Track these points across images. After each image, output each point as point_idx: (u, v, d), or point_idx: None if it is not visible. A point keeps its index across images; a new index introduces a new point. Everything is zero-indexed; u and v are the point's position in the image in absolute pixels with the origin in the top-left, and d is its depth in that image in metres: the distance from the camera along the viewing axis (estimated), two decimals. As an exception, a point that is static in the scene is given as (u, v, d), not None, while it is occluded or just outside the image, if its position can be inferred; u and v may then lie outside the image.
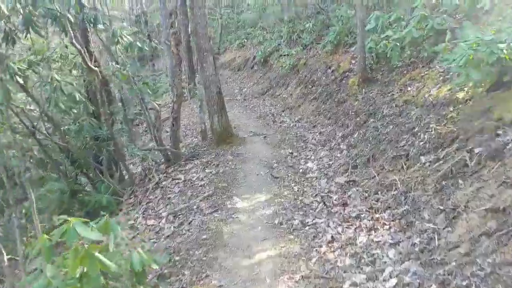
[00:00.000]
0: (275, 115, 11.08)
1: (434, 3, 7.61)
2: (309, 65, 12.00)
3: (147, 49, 7.87)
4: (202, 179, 6.95)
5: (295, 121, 9.68)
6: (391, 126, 6.00)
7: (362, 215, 4.75)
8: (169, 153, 8.44)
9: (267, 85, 14.13)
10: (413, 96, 6.28)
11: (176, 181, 7.19)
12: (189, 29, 9.00)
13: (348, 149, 6.62)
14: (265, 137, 8.81)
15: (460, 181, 4.00)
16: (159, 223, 5.81)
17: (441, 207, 3.94)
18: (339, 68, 9.85)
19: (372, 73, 8.28)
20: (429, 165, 4.60)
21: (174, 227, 5.54)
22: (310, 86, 10.75)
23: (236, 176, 6.82)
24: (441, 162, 4.46)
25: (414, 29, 7.04)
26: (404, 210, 4.38)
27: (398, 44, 7.34)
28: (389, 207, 4.65)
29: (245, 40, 20.43)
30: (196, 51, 8.28)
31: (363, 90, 7.95)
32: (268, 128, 9.77)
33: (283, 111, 11.19)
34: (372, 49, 8.30)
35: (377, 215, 4.62)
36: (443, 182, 4.19)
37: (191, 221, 5.53)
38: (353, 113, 7.54)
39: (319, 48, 12.28)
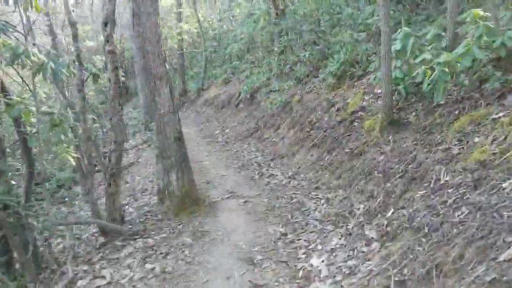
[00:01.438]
0: (262, 165, 8.32)
1: (493, 14, 5.04)
2: (305, 102, 9.38)
3: (67, 74, 5.12)
4: (135, 284, 4.07)
5: (289, 177, 6.90)
6: (465, 208, 3.24)
7: None
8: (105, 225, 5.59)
9: (253, 125, 11.45)
10: (493, 154, 3.58)
11: (97, 284, 4.29)
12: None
13: (382, 240, 3.81)
14: (246, 201, 5.99)
15: None
16: None
17: None
18: (346, 107, 7.21)
19: (400, 113, 5.62)
20: None
21: None
22: (307, 129, 8.06)
23: (190, 282, 3.96)
24: None
25: (475, 47, 4.44)
26: None
27: (446, 70, 4.71)
28: None
29: (231, 75, 17.98)
30: (145, 76, 5.56)
31: (390, 137, 5.25)
32: (252, 185, 6.98)
33: (272, 160, 8.44)
34: (400, 79, 5.69)
35: None
36: None
37: None
38: (379, 174, 4.78)
39: (317, 82, 9.72)
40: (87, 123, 6.08)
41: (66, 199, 9.89)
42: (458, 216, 3.23)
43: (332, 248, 4.16)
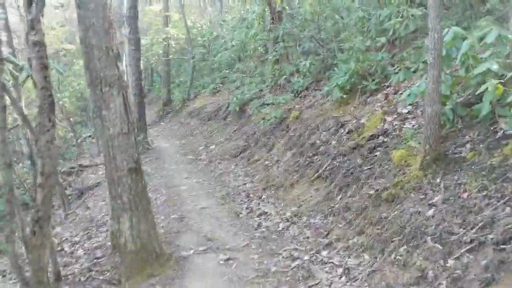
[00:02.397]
0: (251, 196, 6.58)
1: None
2: (304, 119, 7.70)
3: None
4: None
5: (287, 219, 5.15)
6: None
7: None
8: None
9: (242, 143, 9.72)
10: None
11: None
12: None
13: None
14: (228, 259, 4.24)
15: None
16: None
17: None
18: (362, 129, 5.53)
19: (446, 143, 3.96)
20: None
21: None
22: (310, 153, 6.35)
23: None
24: None
25: None
26: None
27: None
28: None
29: (220, 85, 16.29)
30: (88, 84, 3.79)
31: (439, 180, 3.57)
32: (238, 228, 5.23)
33: (264, 189, 6.70)
34: (444, 97, 4.04)
35: None
36: None
37: None
38: (433, 240, 3.07)
39: (320, 96, 8.08)
40: (5, 143, 4.31)
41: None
42: None
43: None
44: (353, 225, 4.09)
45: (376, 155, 4.76)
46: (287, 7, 10.92)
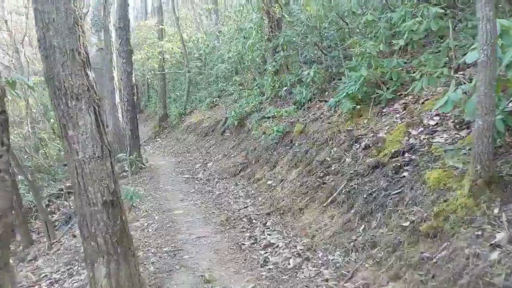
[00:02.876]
0: (255, 221, 5.75)
1: None
2: (311, 133, 6.92)
3: None
4: None
5: (298, 254, 4.30)
6: None
7: None
8: None
9: (242, 160, 8.91)
10: None
11: None
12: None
13: None
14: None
15: None
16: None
17: None
18: (382, 144, 4.74)
19: (498, 163, 3.18)
20: None
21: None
22: (319, 172, 5.55)
23: None
24: None
25: None
26: None
27: None
28: None
29: (217, 99, 15.56)
30: (51, 93, 3.00)
31: (498, 211, 2.77)
32: (241, 264, 4.39)
33: (269, 214, 5.87)
34: (496, 105, 3.26)
35: None
36: None
37: None
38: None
39: (326, 108, 7.31)
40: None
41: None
42: None
43: None
44: (384, 266, 3.26)
45: (404, 176, 3.95)
46: (286, 15, 10.23)
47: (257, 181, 7.46)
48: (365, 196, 4.22)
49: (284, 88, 9.71)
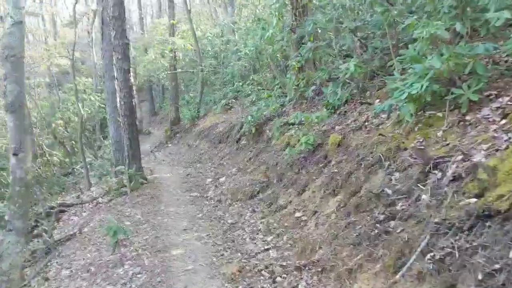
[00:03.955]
0: (280, 281, 3.96)
1: None
2: (353, 147, 5.07)
3: None
4: None
5: None
6: None
7: None
8: None
9: (260, 177, 7.11)
10: None
11: None
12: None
13: None
14: None
15: None
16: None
17: None
18: (487, 178, 2.86)
19: None
20: None
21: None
22: (377, 212, 3.70)
23: None
24: None
25: None
26: None
27: None
28: None
29: (233, 100, 13.81)
30: None
31: None
32: None
33: (299, 269, 4.03)
34: None
35: None
36: None
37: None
38: None
39: (372, 113, 5.45)
40: None
41: None
42: None
43: None
44: None
45: None
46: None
47: (280, 209, 5.64)
48: (478, 274, 2.36)
49: (312, 88, 7.87)
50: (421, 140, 3.99)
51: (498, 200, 2.66)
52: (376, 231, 3.45)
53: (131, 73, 8.70)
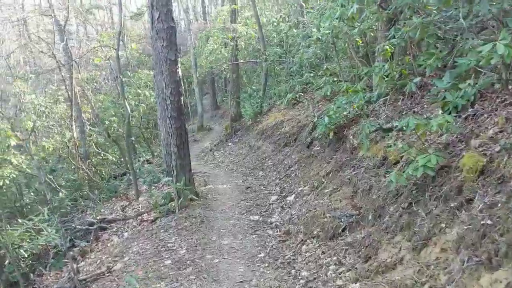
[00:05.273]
0: None
1: None
2: (508, 177, 2.96)
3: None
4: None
5: None
6: None
7: None
8: None
9: (345, 203, 5.13)
10: None
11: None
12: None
13: None
14: None
15: None
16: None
17: None
18: None
19: None
20: None
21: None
22: None
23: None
24: None
25: None
26: None
27: None
28: None
29: (301, 94, 11.83)
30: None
31: None
32: None
33: None
34: None
35: None
36: None
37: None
38: None
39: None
40: None
41: None
42: None
43: None
44: None
45: None
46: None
47: (384, 271, 3.64)
48: None
49: (415, 80, 5.69)
50: None
51: None
52: None
53: (179, 65, 7.07)
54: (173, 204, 7.11)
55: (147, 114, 15.66)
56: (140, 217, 7.67)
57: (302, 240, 5.07)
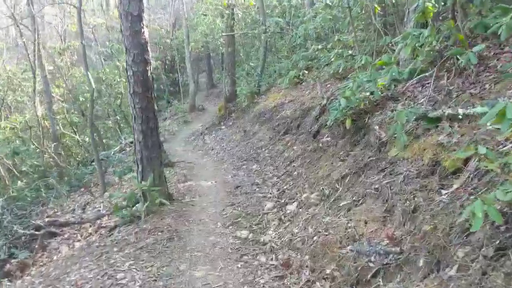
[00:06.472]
0: None
1: None
2: None
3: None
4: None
5: None
6: None
7: None
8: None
9: (377, 227, 3.45)
10: None
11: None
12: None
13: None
14: None
15: None
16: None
17: None
18: None
19: None
20: None
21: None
22: None
23: None
24: None
25: None
26: None
27: None
28: None
29: (306, 72, 10.02)
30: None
31: None
32: None
33: None
34: None
35: None
36: None
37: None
38: None
39: None
40: None
41: None
42: None
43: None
44: None
45: None
46: None
47: None
48: None
49: (478, 48, 3.93)
50: None
51: None
52: None
53: (144, 22, 5.25)
54: (138, 208, 5.42)
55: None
56: (99, 221, 5.99)
57: (309, 281, 3.40)
